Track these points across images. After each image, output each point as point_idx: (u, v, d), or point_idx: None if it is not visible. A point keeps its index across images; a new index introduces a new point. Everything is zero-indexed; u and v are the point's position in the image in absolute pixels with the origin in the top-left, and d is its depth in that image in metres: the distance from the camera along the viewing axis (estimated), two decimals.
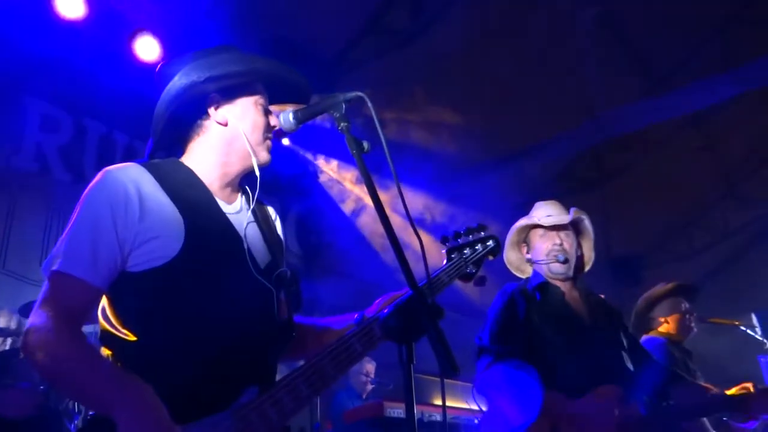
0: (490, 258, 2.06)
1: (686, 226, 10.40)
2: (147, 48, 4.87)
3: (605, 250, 7.77)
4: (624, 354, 2.75)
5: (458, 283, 1.96)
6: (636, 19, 6.98)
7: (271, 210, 1.90)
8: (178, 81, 1.66)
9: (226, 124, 1.70)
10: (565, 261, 2.77)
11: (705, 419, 3.38)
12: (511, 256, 3.01)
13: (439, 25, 6.05)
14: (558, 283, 2.83)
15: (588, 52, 6.30)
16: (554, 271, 2.80)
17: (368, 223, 7.30)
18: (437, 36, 6.10)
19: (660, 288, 4.07)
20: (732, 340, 5.80)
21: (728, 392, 2.94)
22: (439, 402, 6.37)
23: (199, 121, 1.71)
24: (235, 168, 1.71)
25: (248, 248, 1.62)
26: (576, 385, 2.48)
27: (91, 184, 1.54)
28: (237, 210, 1.71)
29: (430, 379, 7.45)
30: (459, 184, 7.27)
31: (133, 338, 1.47)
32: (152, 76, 1.78)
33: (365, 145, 1.55)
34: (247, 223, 1.69)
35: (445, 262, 1.94)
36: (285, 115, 1.70)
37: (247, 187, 1.80)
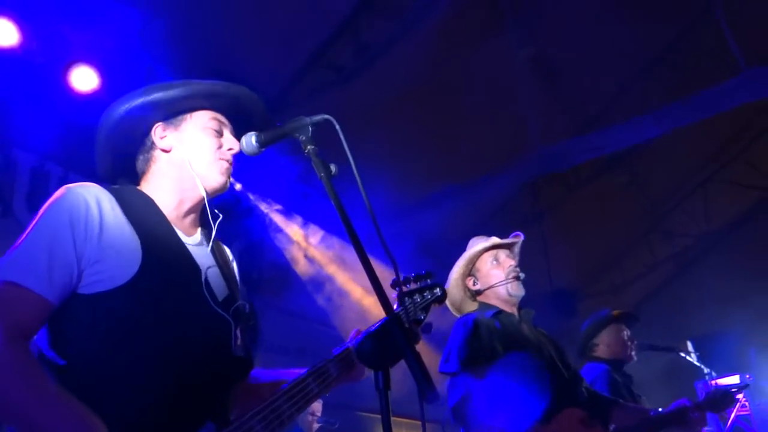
0: (436, 306, 2.10)
1: (618, 258, 10.82)
2: (84, 78, 4.70)
3: (546, 283, 7.95)
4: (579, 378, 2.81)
5: None
6: (568, 62, 7.33)
7: (228, 251, 1.87)
8: (112, 114, 1.65)
9: (170, 151, 1.68)
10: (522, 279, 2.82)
11: None
12: (455, 294, 2.92)
13: (382, 62, 6.16)
14: (510, 311, 2.85)
15: (526, 91, 6.54)
16: (513, 292, 2.81)
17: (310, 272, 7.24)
18: (380, 72, 6.21)
19: (602, 316, 4.18)
20: (668, 367, 6.00)
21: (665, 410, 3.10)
22: None
23: (149, 153, 1.69)
24: (191, 195, 1.67)
25: (206, 280, 1.58)
26: (544, 410, 2.50)
27: (50, 199, 1.48)
28: (197, 242, 1.68)
29: (373, 417, 7.37)
30: (398, 220, 7.32)
31: (66, 364, 1.37)
32: (89, 106, 1.76)
33: (333, 168, 1.53)
34: (206, 256, 1.66)
35: (396, 306, 1.94)
36: (247, 139, 1.66)
37: (213, 215, 1.75)
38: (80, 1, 4.55)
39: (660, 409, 3.13)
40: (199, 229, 1.74)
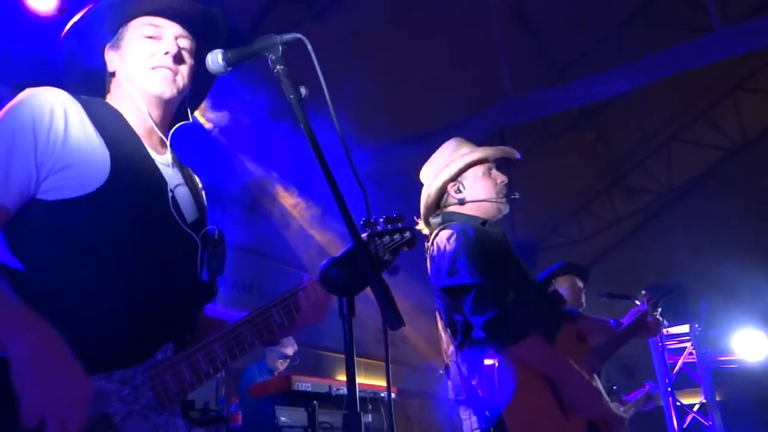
0: (406, 249, 2.02)
1: (578, 212, 11.01)
2: None
3: (510, 233, 8.01)
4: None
5: None
6: (542, 10, 7.23)
7: (197, 179, 1.78)
8: (63, 47, 1.56)
9: (114, 73, 1.59)
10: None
11: (601, 387, 3.61)
12: (433, 198, 2.54)
13: None
14: (494, 223, 2.56)
15: (499, 38, 6.45)
16: (503, 210, 2.53)
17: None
18: (352, 8, 6.03)
19: (555, 267, 4.31)
20: (623, 315, 6.19)
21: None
22: (342, 378, 6.38)
23: (108, 76, 1.60)
24: (142, 115, 1.57)
25: (173, 199, 1.52)
26: (542, 324, 2.34)
27: (11, 102, 1.39)
28: (167, 163, 1.60)
29: (333, 356, 7.49)
30: (366, 163, 7.25)
31: (24, 269, 1.33)
32: (49, 31, 1.65)
33: (303, 90, 1.46)
34: (176, 176, 1.60)
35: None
36: (213, 56, 1.55)
37: (166, 133, 1.66)
38: None
39: (620, 321, 3.33)
40: (169, 150, 1.65)
